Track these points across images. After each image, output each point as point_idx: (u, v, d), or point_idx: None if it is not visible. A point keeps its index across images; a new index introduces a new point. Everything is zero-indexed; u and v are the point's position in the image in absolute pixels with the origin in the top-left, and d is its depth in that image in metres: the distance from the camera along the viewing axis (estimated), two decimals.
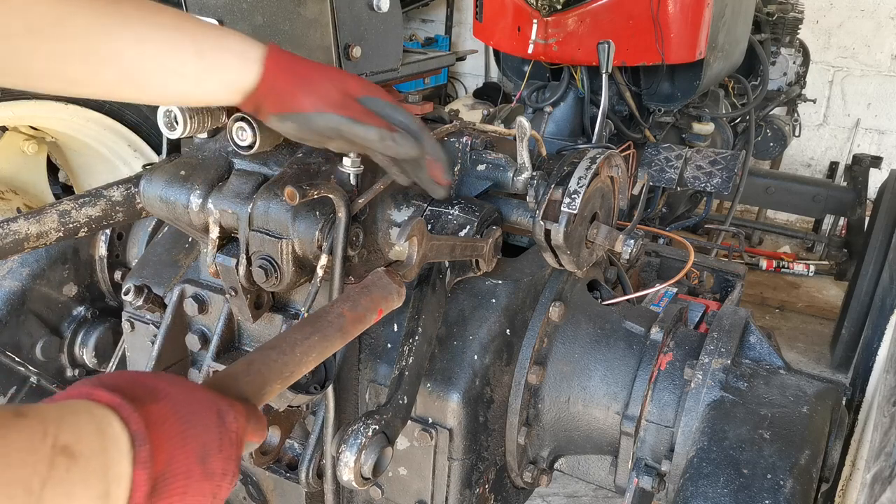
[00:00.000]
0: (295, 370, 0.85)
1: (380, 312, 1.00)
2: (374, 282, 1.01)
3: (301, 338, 0.88)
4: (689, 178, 2.21)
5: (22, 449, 0.46)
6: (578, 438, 1.36)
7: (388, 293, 1.02)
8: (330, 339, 0.91)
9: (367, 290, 1.00)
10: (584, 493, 2.56)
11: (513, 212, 1.29)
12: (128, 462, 0.53)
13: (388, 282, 1.02)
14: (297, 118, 0.95)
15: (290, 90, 0.92)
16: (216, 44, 0.90)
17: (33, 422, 0.48)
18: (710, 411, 1.19)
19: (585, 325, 1.37)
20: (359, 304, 0.97)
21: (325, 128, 0.95)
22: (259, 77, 0.92)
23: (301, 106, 0.93)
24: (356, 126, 0.95)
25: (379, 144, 0.96)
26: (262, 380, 0.80)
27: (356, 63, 1.19)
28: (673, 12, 2.00)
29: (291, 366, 0.85)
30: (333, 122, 0.94)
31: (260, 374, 0.80)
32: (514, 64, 2.49)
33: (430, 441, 1.23)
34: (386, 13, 1.21)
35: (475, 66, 6.00)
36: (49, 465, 0.47)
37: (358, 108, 0.95)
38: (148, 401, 0.57)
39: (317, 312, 0.95)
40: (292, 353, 0.86)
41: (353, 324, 0.95)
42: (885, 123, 4.85)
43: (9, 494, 0.44)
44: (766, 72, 2.85)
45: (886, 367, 1.27)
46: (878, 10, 4.66)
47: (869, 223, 3.01)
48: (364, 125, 0.95)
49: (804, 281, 4.11)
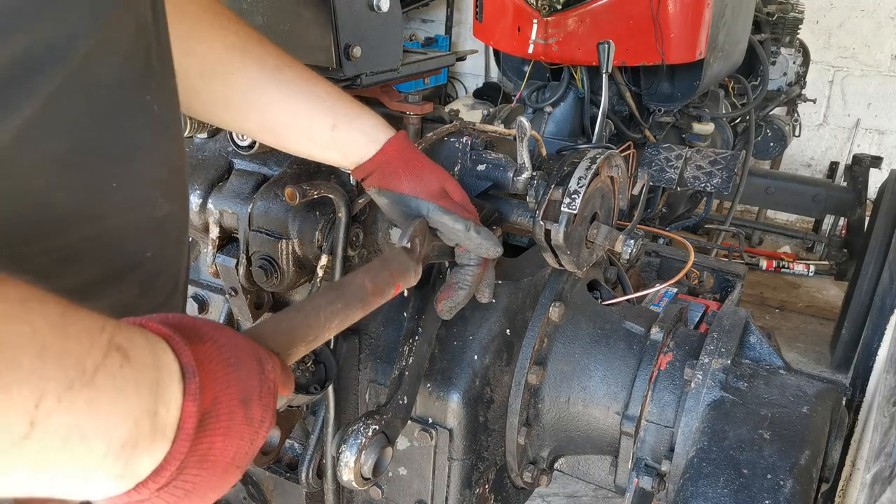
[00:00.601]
0: (319, 335, 0.86)
1: (397, 288, 1.01)
2: (393, 256, 1.02)
3: (325, 303, 0.88)
4: (689, 178, 2.21)
5: (80, 329, 0.46)
6: (578, 438, 1.36)
7: (405, 269, 1.02)
8: (352, 308, 0.92)
9: (387, 265, 1.00)
10: (584, 493, 2.56)
11: (513, 212, 1.29)
12: (178, 391, 0.53)
13: (406, 258, 1.02)
14: (392, 195, 1.04)
15: (396, 172, 1.02)
16: (350, 123, 1.01)
17: (93, 314, 0.48)
18: (710, 411, 1.19)
19: (585, 326, 1.37)
20: (379, 277, 0.97)
21: (409, 209, 1.04)
22: (375, 155, 1.03)
23: (400, 187, 1.03)
24: (445, 214, 1.03)
25: (463, 235, 1.04)
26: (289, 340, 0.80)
27: (356, 63, 1.19)
28: (673, 12, 2.00)
29: (315, 329, 0.86)
30: (424, 207, 1.03)
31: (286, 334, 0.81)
32: (514, 64, 2.49)
33: (430, 441, 1.23)
34: (386, 13, 1.21)
35: (475, 66, 6.00)
36: (104, 355, 0.46)
37: (450, 202, 1.04)
38: (195, 340, 0.57)
39: (340, 281, 0.96)
40: (316, 317, 0.86)
41: (374, 296, 0.96)
42: (885, 123, 4.85)
43: (62, 365, 0.43)
44: (766, 72, 2.85)
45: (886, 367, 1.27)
46: (878, 10, 4.66)
47: (869, 223, 3.00)
48: (453, 215, 1.03)
49: (804, 281, 4.11)
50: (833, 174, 4.30)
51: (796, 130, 3.74)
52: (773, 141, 3.47)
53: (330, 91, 1.00)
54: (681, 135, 2.61)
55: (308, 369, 1.10)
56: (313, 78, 0.99)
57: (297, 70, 0.98)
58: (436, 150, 1.31)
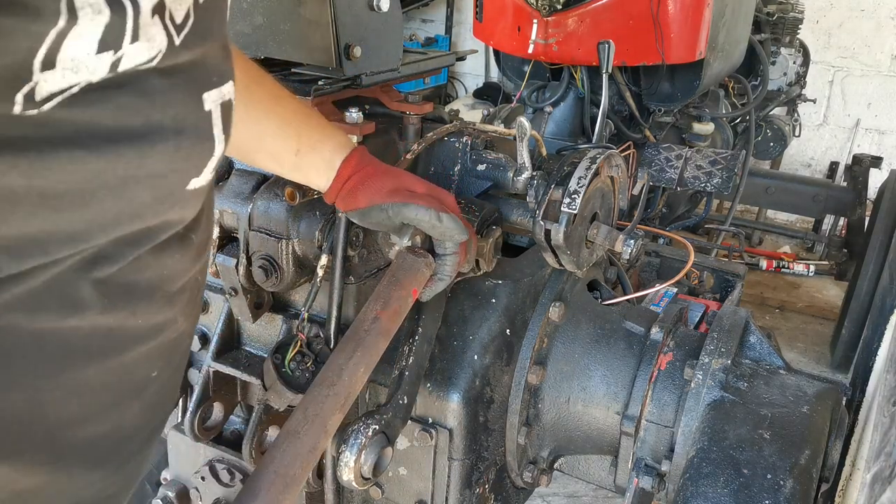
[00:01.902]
0: (350, 393, 0.89)
1: (414, 293, 1.02)
2: (399, 266, 1.02)
3: (345, 360, 0.90)
4: (689, 178, 2.21)
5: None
6: (578, 438, 1.36)
7: (416, 270, 1.03)
8: (373, 347, 0.94)
9: (395, 279, 1.01)
10: (584, 493, 2.56)
11: (513, 212, 1.29)
12: None
13: (413, 259, 1.03)
14: (356, 213, 1.06)
15: (352, 190, 1.04)
16: (312, 148, 1.02)
17: None
18: (710, 411, 1.19)
19: (585, 325, 1.37)
20: (391, 299, 0.98)
21: (378, 217, 1.04)
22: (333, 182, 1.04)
23: (358, 203, 1.04)
24: (404, 208, 1.03)
25: (428, 224, 1.04)
26: (322, 421, 0.85)
27: (356, 63, 1.19)
28: (673, 12, 2.00)
29: (344, 392, 0.89)
30: (384, 210, 1.03)
31: (318, 417, 0.85)
32: (514, 64, 2.49)
33: (430, 441, 1.23)
34: (386, 13, 1.21)
35: (475, 66, 6.00)
36: None
37: (406, 194, 1.04)
38: None
39: (353, 325, 0.97)
40: (341, 380, 0.88)
41: (392, 320, 0.97)
42: (886, 123, 4.85)
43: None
44: (766, 72, 2.85)
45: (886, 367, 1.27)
46: (878, 10, 4.66)
47: (869, 223, 3.00)
48: (412, 206, 1.03)
49: (804, 281, 4.11)
50: (833, 174, 4.30)
51: (796, 130, 3.74)
52: (773, 141, 3.47)
53: (297, 111, 1.00)
54: (681, 135, 2.61)
55: (308, 370, 1.10)
56: (282, 97, 0.99)
57: (267, 88, 0.96)
58: (436, 150, 1.31)
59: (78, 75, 0.43)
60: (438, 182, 1.31)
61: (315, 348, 1.13)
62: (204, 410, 1.26)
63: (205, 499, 1.34)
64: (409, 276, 1.02)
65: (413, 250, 1.05)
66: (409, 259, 1.04)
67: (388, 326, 0.96)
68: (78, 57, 0.43)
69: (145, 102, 0.49)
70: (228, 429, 1.35)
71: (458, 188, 1.31)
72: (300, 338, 1.11)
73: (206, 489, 1.32)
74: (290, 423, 0.84)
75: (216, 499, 1.33)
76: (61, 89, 0.43)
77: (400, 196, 1.03)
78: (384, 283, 1.01)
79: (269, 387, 1.07)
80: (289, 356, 1.09)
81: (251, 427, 1.20)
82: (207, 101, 0.57)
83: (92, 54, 0.44)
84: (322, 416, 0.85)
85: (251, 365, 1.27)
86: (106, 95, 0.46)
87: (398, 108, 1.32)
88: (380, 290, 1.00)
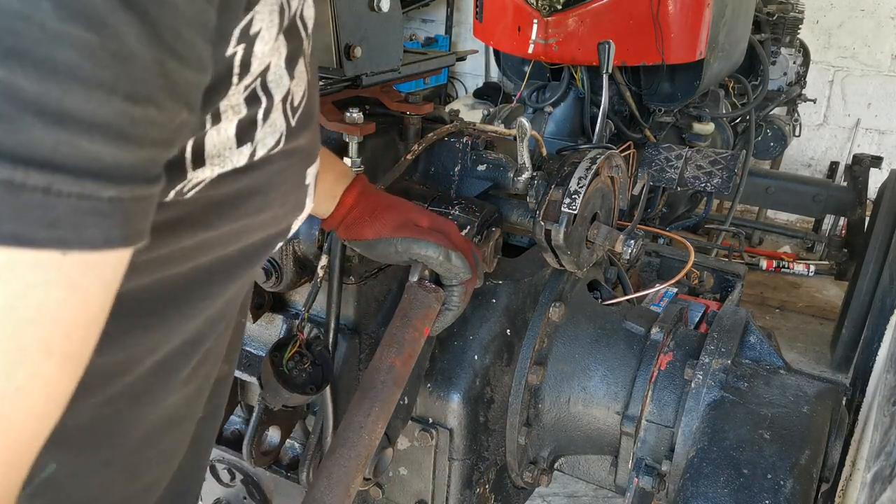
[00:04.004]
0: (370, 451, 0.90)
1: (426, 332, 1.02)
2: (410, 303, 1.02)
3: (362, 418, 0.91)
4: (689, 178, 2.21)
5: None
6: (579, 438, 1.36)
7: (427, 307, 1.02)
8: (389, 398, 0.94)
9: (407, 319, 1.01)
10: (584, 493, 2.56)
11: (513, 212, 1.29)
12: None
13: (424, 294, 1.03)
14: (361, 244, 1.05)
15: (357, 220, 1.03)
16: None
17: None
18: (710, 411, 1.19)
19: (586, 326, 1.37)
20: (404, 343, 0.98)
21: (386, 250, 1.04)
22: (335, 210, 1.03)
23: (364, 235, 1.03)
24: (413, 244, 1.02)
25: (436, 262, 1.04)
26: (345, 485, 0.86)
27: (357, 63, 1.19)
28: (673, 12, 2.00)
29: (365, 452, 0.90)
30: (392, 244, 1.03)
31: (342, 482, 0.86)
32: (514, 64, 2.49)
33: (430, 441, 1.23)
34: (386, 13, 1.21)
35: (475, 66, 6.00)
36: None
37: (415, 229, 1.03)
38: None
39: (367, 375, 0.97)
40: (360, 440, 0.89)
41: (406, 365, 0.98)
42: (886, 123, 4.85)
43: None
44: (766, 72, 2.85)
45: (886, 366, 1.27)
46: (878, 10, 4.65)
47: (869, 223, 3.00)
48: (421, 242, 1.02)
49: (804, 281, 4.11)
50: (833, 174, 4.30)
51: (796, 130, 3.74)
52: (773, 141, 3.47)
53: None
54: (681, 135, 2.61)
55: (306, 370, 1.10)
56: None
57: None
58: (436, 151, 1.31)
59: (224, 167, 0.47)
60: (439, 182, 1.31)
61: (314, 349, 1.13)
62: None
63: (205, 499, 1.34)
64: (420, 315, 1.02)
65: (422, 284, 1.05)
66: (420, 295, 1.03)
67: (402, 373, 0.97)
68: (223, 153, 0.47)
69: (266, 181, 0.53)
70: (228, 429, 1.35)
71: (458, 188, 1.31)
72: (299, 337, 1.11)
73: (207, 489, 1.32)
74: (314, 492, 0.85)
75: (216, 499, 1.33)
76: (206, 179, 0.47)
77: (408, 231, 1.03)
78: (396, 323, 1.01)
79: (264, 385, 1.07)
80: (287, 355, 1.08)
81: (251, 427, 1.20)
82: (309, 176, 0.62)
83: (234, 149, 0.47)
84: (346, 480, 0.86)
85: (251, 365, 1.27)
86: (238, 178, 0.50)
87: (398, 108, 1.32)
88: (393, 333, 1.00)
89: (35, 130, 0.30)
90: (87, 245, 0.34)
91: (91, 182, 0.33)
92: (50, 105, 0.30)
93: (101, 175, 0.33)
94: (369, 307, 1.25)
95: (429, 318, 1.02)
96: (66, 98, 0.31)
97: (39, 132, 0.30)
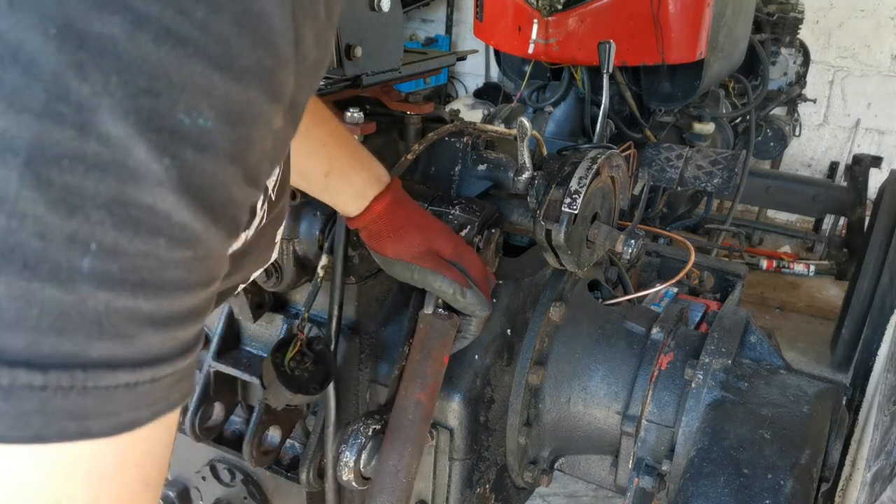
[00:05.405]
0: (409, 492, 0.92)
1: (445, 360, 1.02)
2: (428, 334, 1.03)
3: (398, 460, 0.92)
4: (689, 178, 2.21)
5: None
6: (579, 438, 1.36)
7: (444, 335, 1.03)
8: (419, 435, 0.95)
9: (427, 352, 1.01)
10: (584, 493, 2.56)
11: (513, 212, 1.29)
12: None
13: (440, 324, 1.03)
14: (379, 257, 1.05)
15: (381, 233, 1.03)
16: (343, 173, 1.00)
17: None
18: (710, 411, 1.19)
19: (586, 325, 1.37)
20: (427, 378, 0.99)
21: (403, 273, 1.04)
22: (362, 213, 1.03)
23: (384, 251, 1.03)
24: (430, 275, 1.02)
25: (451, 298, 1.04)
26: None
27: (357, 63, 1.19)
28: (673, 12, 2.00)
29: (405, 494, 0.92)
30: (408, 269, 1.03)
31: None
32: (514, 64, 2.49)
33: (430, 441, 1.23)
34: (387, 13, 1.21)
35: (475, 66, 6.00)
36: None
37: (436, 261, 1.03)
38: None
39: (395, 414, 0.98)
40: (398, 483, 0.90)
41: (431, 399, 1.00)
42: (886, 123, 4.85)
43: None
44: (766, 72, 2.85)
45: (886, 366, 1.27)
46: (878, 10, 4.66)
47: (869, 223, 3.00)
48: (439, 276, 1.02)
49: (804, 281, 4.11)
50: (833, 174, 4.31)
51: (796, 130, 3.74)
52: (773, 141, 3.47)
53: (332, 134, 0.98)
54: (681, 135, 2.62)
55: (307, 369, 1.10)
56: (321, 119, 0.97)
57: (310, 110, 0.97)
58: (436, 150, 1.31)
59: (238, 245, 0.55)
60: (439, 182, 1.31)
61: (315, 348, 1.13)
62: (204, 410, 1.26)
63: (205, 498, 1.34)
64: (439, 346, 1.02)
65: (437, 314, 1.05)
66: (437, 324, 1.03)
67: (429, 408, 0.98)
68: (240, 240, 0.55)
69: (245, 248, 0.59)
70: (229, 429, 1.35)
71: (458, 188, 1.31)
72: (300, 337, 1.11)
73: (207, 489, 1.32)
74: None
75: (217, 498, 1.33)
76: None
77: (428, 262, 1.02)
78: (416, 357, 1.01)
79: (267, 385, 1.07)
80: (288, 355, 1.09)
81: (251, 427, 1.20)
82: (278, 235, 0.68)
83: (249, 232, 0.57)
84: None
85: (251, 365, 1.27)
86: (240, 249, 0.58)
87: (399, 108, 1.32)
88: (415, 368, 1.00)
89: (150, 338, 0.37)
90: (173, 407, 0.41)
91: (180, 359, 0.39)
92: (159, 315, 0.37)
93: (186, 351, 0.40)
94: (369, 307, 1.25)
95: (447, 347, 1.03)
96: (171, 306, 0.38)
97: (153, 338, 0.37)
